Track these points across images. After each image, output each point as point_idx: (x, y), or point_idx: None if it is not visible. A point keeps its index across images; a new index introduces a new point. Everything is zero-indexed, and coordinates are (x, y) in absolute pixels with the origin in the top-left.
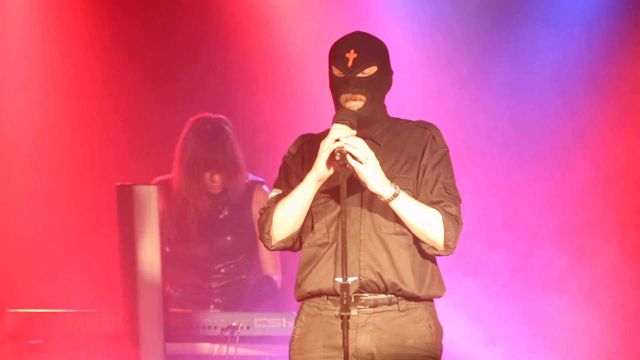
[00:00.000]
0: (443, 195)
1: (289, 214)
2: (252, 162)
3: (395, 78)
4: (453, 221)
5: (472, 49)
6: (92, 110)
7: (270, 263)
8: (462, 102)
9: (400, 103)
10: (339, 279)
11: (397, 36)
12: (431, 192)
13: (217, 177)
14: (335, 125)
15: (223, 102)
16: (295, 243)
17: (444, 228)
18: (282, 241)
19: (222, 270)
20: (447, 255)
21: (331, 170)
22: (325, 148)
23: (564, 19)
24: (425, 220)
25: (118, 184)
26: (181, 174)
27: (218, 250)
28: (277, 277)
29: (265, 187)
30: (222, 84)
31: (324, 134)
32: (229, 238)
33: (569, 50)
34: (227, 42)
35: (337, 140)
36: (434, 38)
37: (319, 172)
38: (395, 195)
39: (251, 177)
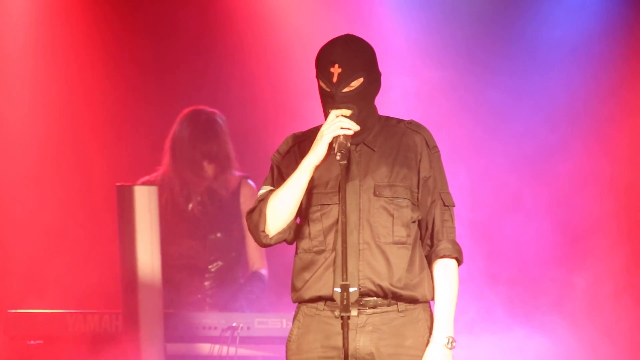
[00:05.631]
0: (443, 214)
1: (282, 205)
2: (246, 158)
3: (393, 75)
4: (455, 247)
5: (473, 45)
6: (93, 111)
7: (257, 258)
8: (462, 100)
9: (398, 100)
10: (339, 289)
11: (396, 33)
12: (431, 205)
13: (209, 168)
14: (334, 111)
15: (223, 100)
16: (290, 234)
17: (458, 262)
18: (279, 233)
19: (214, 269)
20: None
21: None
22: (328, 132)
23: (565, 16)
24: (456, 291)
25: (118, 184)
26: (174, 164)
27: (209, 248)
28: (264, 271)
29: (250, 181)
30: (223, 82)
31: (314, 131)
32: (219, 234)
33: (570, 47)
34: (226, 41)
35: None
36: (433, 34)
37: (318, 155)
38: (453, 342)
39: (238, 173)
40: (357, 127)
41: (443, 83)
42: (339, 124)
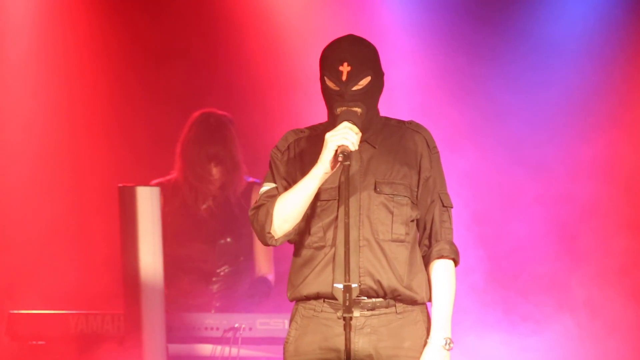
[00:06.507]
0: (442, 214)
1: (291, 210)
2: (255, 162)
3: (395, 73)
4: (453, 248)
5: (473, 44)
6: (94, 111)
7: (264, 262)
8: (463, 98)
9: (399, 99)
10: (338, 285)
11: (397, 33)
12: (430, 205)
13: (215, 171)
14: (345, 123)
15: (226, 102)
16: (295, 235)
17: (455, 264)
18: (285, 235)
19: (222, 273)
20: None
21: (337, 166)
22: (332, 140)
23: (570, 9)
24: (454, 292)
25: (121, 185)
26: (183, 167)
27: (219, 252)
28: (271, 277)
29: None
30: (224, 84)
31: (314, 129)
32: (229, 239)
33: (573, 44)
34: (229, 42)
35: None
36: (434, 33)
37: (326, 164)
38: (450, 343)
39: (249, 178)
40: (357, 147)
41: (443, 72)
42: (344, 135)
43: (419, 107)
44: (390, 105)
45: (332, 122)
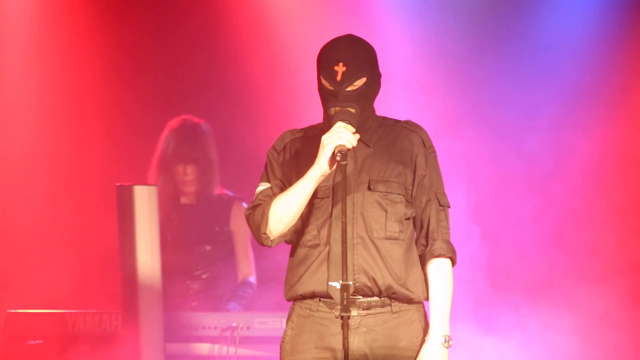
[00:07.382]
0: (439, 214)
1: (286, 211)
2: (245, 164)
3: (395, 74)
4: (450, 247)
5: (473, 44)
6: (91, 110)
7: (245, 265)
8: (462, 97)
9: (399, 100)
10: (333, 283)
11: (396, 34)
12: (427, 204)
13: (189, 170)
14: (339, 123)
15: (220, 102)
16: (291, 235)
17: (452, 263)
18: (280, 236)
19: (200, 278)
20: None
21: (334, 167)
22: (329, 142)
23: (566, 13)
24: (451, 290)
25: (118, 184)
26: (157, 169)
27: (197, 258)
28: (252, 279)
29: (244, 204)
30: (221, 84)
31: (310, 129)
32: (208, 247)
33: (572, 33)
34: (226, 43)
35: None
36: (434, 34)
37: (322, 167)
38: (449, 340)
39: (230, 193)
40: (355, 143)
41: (440, 63)
42: (339, 135)
43: (414, 98)
44: (384, 97)
45: (327, 123)
